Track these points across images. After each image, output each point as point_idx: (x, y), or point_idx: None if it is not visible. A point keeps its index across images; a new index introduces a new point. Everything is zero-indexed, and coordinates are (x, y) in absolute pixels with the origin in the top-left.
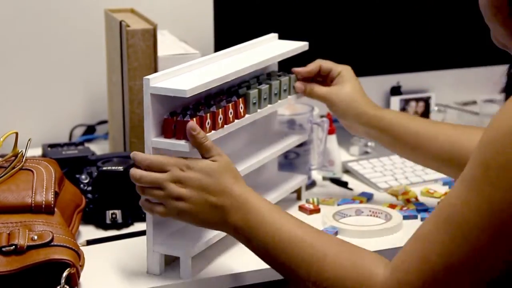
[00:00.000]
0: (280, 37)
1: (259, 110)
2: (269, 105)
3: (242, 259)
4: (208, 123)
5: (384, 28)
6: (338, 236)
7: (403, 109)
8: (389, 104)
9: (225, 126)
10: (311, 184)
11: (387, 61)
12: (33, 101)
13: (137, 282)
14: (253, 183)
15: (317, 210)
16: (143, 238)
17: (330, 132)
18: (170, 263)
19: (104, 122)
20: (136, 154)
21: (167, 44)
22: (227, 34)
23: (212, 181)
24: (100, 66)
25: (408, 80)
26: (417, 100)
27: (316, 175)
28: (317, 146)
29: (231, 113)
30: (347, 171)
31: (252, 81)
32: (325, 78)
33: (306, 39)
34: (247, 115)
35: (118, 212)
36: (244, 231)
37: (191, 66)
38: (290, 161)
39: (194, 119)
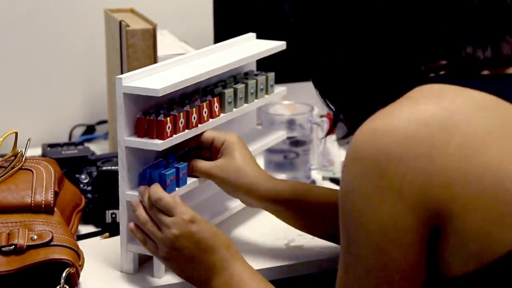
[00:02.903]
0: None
1: (234, 110)
2: (245, 105)
3: None
4: (181, 122)
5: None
6: None
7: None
8: None
9: (199, 125)
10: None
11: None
12: (33, 101)
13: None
14: None
15: None
16: (118, 238)
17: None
18: (145, 262)
19: (104, 122)
20: (152, 186)
21: (167, 44)
22: (227, 34)
23: (210, 240)
24: (100, 66)
25: None
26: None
27: (316, 175)
28: (317, 146)
29: (205, 112)
30: None
31: (229, 80)
32: (212, 152)
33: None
34: (222, 115)
35: (117, 212)
36: None
37: (165, 65)
38: (290, 161)
39: (168, 118)
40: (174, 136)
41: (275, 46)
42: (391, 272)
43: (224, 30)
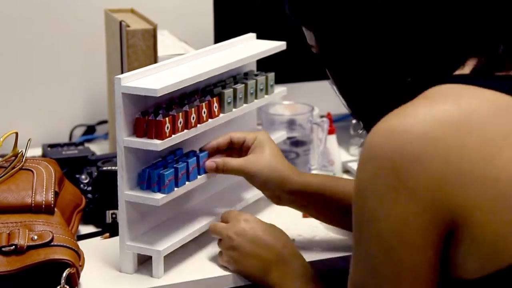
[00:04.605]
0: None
1: (234, 110)
2: (244, 105)
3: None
4: (180, 122)
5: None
6: (336, 237)
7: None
8: None
9: (198, 125)
10: None
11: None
12: (33, 101)
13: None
14: (231, 181)
15: None
16: (118, 238)
17: (330, 132)
18: (144, 262)
19: (104, 122)
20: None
21: (167, 44)
22: (227, 34)
23: (265, 236)
24: (100, 66)
25: None
26: None
27: None
28: (317, 146)
29: (204, 112)
30: (347, 171)
31: (228, 81)
32: (240, 151)
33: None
34: (221, 115)
35: (117, 212)
36: None
37: (165, 65)
38: (290, 161)
39: (167, 118)
40: (173, 136)
41: (275, 46)
42: (399, 271)
43: (224, 30)
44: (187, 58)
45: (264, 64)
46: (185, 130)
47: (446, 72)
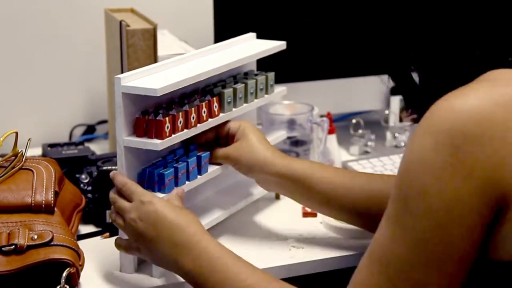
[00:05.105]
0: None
1: (234, 109)
2: (244, 104)
3: None
4: (180, 122)
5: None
6: (336, 236)
7: (404, 109)
8: (389, 104)
9: (198, 125)
10: None
11: (387, 61)
12: (33, 101)
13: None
14: (231, 181)
15: (312, 214)
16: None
17: (330, 132)
18: (144, 262)
19: (104, 122)
20: (114, 175)
21: (167, 44)
22: (227, 34)
23: (168, 219)
24: (100, 66)
25: None
26: None
27: None
28: (317, 146)
29: (204, 112)
30: None
31: (228, 80)
32: (229, 140)
33: (307, 40)
34: (221, 114)
35: None
36: (194, 275)
37: (165, 65)
38: None
39: (167, 118)
40: (173, 135)
41: (275, 46)
42: (447, 250)
43: (224, 30)
44: (187, 58)
45: (264, 64)
46: (185, 130)
47: (509, 56)
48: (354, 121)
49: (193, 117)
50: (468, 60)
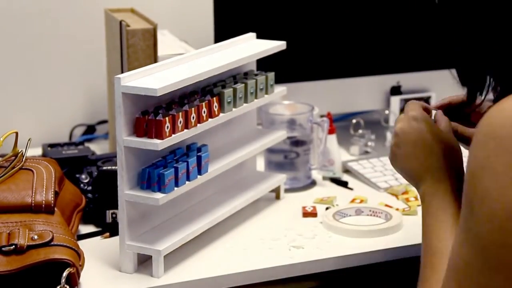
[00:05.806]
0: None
1: (234, 109)
2: (245, 104)
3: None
4: (180, 122)
5: (384, 27)
6: (336, 236)
7: (403, 109)
8: (389, 104)
9: (198, 125)
10: (311, 184)
11: (387, 60)
12: (33, 101)
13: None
14: (231, 181)
15: (312, 214)
16: (118, 237)
17: (330, 132)
18: (144, 261)
19: (104, 122)
20: None
21: (167, 44)
22: (227, 34)
23: (429, 141)
24: (100, 66)
25: (408, 80)
26: (417, 100)
27: (316, 175)
28: (317, 146)
29: (204, 112)
30: (347, 170)
31: (228, 80)
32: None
33: (307, 40)
34: (221, 114)
35: (118, 212)
36: (426, 202)
37: (165, 65)
38: (291, 161)
39: (167, 118)
40: (173, 135)
41: (275, 46)
42: (509, 252)
43: (224, 30)
44: (187, 58)
45: (264, 64)
46: (185, 130)
47: None
48: (354, 121)
49: (193, 117)
50: None
